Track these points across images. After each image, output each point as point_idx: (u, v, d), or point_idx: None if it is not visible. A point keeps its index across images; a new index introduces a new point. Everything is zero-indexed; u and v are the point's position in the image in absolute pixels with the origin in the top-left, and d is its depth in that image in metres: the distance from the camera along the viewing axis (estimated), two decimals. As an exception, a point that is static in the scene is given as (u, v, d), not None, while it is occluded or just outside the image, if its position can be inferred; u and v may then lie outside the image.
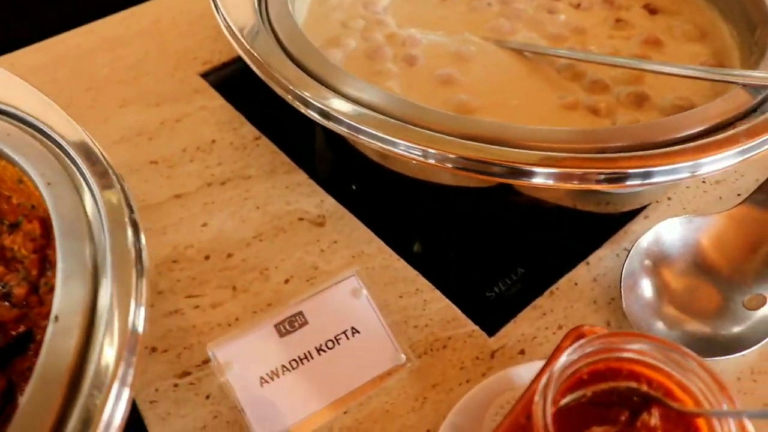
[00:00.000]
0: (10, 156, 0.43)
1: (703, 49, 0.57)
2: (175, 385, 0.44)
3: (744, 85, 0.46)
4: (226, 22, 0.50)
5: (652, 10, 0.61)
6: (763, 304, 0.47)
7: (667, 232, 0.48)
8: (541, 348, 0.46)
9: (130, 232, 0.38)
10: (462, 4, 0.61)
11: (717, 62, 0.55)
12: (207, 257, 0.51)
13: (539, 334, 0.46)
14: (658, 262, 0.47)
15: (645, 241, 0.48)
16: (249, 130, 0.59)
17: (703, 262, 0.48)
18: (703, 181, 0.56)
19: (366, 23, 0.58)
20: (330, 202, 0.54)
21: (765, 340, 0.45)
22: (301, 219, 0.53)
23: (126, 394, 0.32)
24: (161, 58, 0.67)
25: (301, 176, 0.55)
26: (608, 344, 0.34)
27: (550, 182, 0.41)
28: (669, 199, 0.54)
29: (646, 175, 0.41)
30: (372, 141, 0.43)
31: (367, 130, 0.43)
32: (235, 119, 0.60)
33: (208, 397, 0.44)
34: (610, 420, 0.32)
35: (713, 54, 0.56)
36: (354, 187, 0.55)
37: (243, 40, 0.48)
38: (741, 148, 0.42)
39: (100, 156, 0.43)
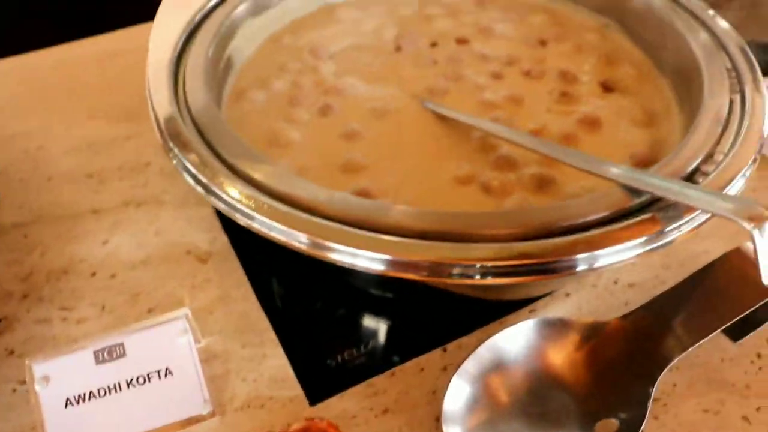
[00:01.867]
0: None
1: (644, 136, 0.51)
2: (14, 390, 0.47)
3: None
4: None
5: (607, 88, 0.56)
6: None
7: (520, 333, 0.44)
8: (357, 429, 0.44)
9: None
10: (411, 57, 0.59)
11: (652, 153, 0.50)
12: (93, 273, 0.53)
13: (360, 414, 0.44)
14: (496, 367, 0.44)
15: (493, 341, 0.44)
16: (183, 157, 0.61)
17: (554, 374, 0.44)
18: (615, 282, 0.51)
19: (302, 66, 0.58)
20: (222, 241, 0.54)
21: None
22: (188, 252, 0.54)
23: None
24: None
25: (208, 211, 0.56)
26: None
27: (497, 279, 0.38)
28: (567, 295, 0.50)
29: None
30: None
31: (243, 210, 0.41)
32: (176, 144, 0.62)
33: (36, 407, 0.46)
34: None
35: (652, 143, 0.51)
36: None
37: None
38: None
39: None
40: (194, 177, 0.44)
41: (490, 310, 0.49)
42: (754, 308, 0.44)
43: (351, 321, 0.50)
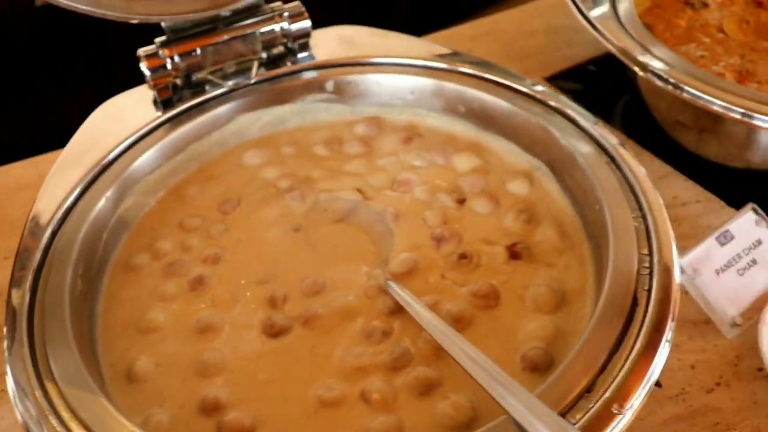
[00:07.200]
0: None
1: (547, 326, 0.44)
2: None
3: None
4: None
5: (514, 254, 0.49)
6: None
7: None
8: None
9: None
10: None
11: (549, 353, 0.43)
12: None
13: None
14: None
15: None
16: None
17: None
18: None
19: (203, 222, 0.54)
20: None
21: None
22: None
23: None
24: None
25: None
26: None
27: None
28: None
29: None
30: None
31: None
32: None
33: None
34: None
35: (554, 336, 0.44)
36: None
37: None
38: None
39: None
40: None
41: None
42: None
43: None
